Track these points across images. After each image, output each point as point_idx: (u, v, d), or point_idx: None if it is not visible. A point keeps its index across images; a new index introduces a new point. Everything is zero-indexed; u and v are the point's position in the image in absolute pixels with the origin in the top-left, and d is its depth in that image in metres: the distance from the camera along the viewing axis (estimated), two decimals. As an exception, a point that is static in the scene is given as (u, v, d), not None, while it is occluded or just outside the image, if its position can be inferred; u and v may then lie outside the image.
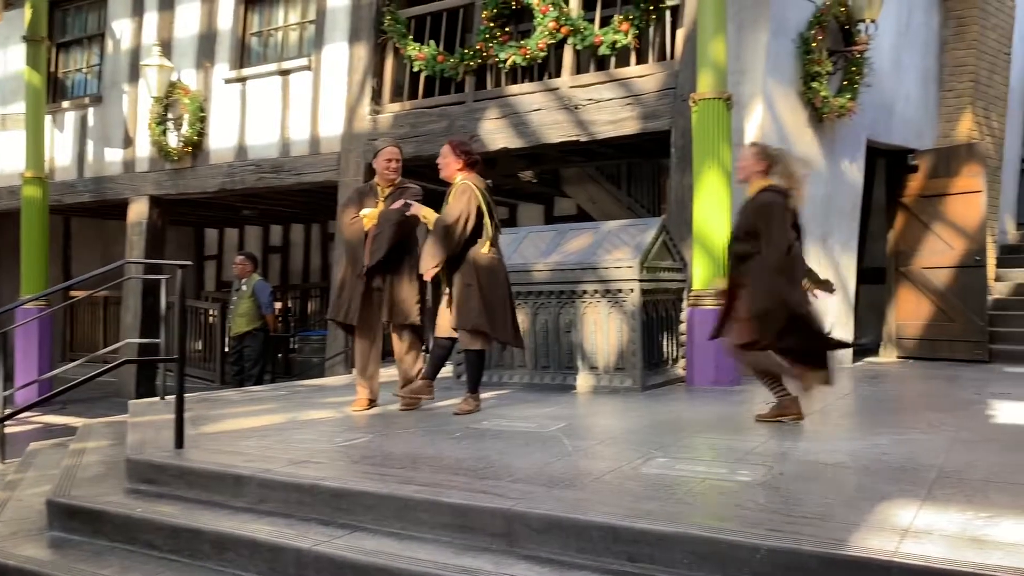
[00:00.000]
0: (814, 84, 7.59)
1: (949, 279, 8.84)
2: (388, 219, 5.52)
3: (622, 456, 3.97)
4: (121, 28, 11.86)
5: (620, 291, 6.43)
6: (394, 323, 5.61)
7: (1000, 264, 9.94)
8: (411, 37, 9.29)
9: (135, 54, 11.63)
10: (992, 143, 9.84)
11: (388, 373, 6.26)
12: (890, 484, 3.33)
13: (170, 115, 11.11)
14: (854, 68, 7.91)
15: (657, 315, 6.76)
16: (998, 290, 9.47)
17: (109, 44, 12.00)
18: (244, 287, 9.39)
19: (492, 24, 8.68)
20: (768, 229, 4.67)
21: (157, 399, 6.75)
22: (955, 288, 8.78)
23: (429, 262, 5.26)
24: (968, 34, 9.60)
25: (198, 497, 3.90)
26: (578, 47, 8.26)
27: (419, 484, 3.46)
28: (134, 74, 11.58)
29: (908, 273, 9.19)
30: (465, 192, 5.31)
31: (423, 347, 5.93)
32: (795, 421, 4.78)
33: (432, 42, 9.12)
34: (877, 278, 9.67)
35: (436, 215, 5.34)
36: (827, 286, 5.01)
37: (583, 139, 8.18)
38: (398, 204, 5.50)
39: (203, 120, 10.87)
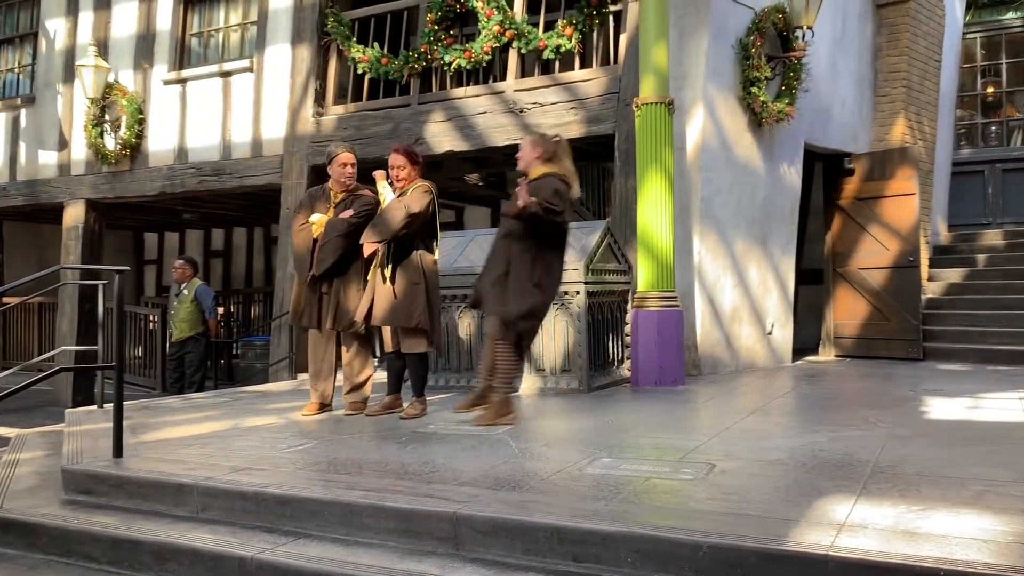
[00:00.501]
0: (753, 89, 7.74)
1: (884, 279, 9.09)
2: (335, 229, 5.49)
3: (568, 457, 4.00)
4: (55, 27, 11.55)
5: (566, 293, 6.48)
6: (340, 329, 5.58)
7: (933, 264, 10.26)
8: (355, 39, 9.23)
9: (70, 54, 11.34)
10: (924, 147, 10.14)
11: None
12: (827, 480, 3.42)
13: (107, 117, 10.85)
14: (792, 73, 8.09)
15: (602, 317, 6.82)
16: (931, 290, 9.76)
17: (43, 43, 11.68)
18: (185, 292, 9.22)
19: (437, 27, 8.67)
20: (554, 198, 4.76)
21: (95, 407, 6.60)
22: (890, 288, 9.02)
23: (373, 237, 5.23)
24: (900, 41, 9.88)
25: (138, 507, 3.83)
26: (523, 51, 8.30)
27: (364, 489, 3.45)
28: (69, 74, 11.29)
29: (845, 274, 9.42)
30: (429, 194, 5.35)
31: (372, 353, 5.91)
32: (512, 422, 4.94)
33: (376, 44, 9.07)
34: (815, 279, 9.90)
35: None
36: None
37: (528, 142, 8.20)
38: (346, 214, 5.48)
39: (142, 122, 10.64)
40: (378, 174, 5.54)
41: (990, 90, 12.38)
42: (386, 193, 5.46)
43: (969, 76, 12.38)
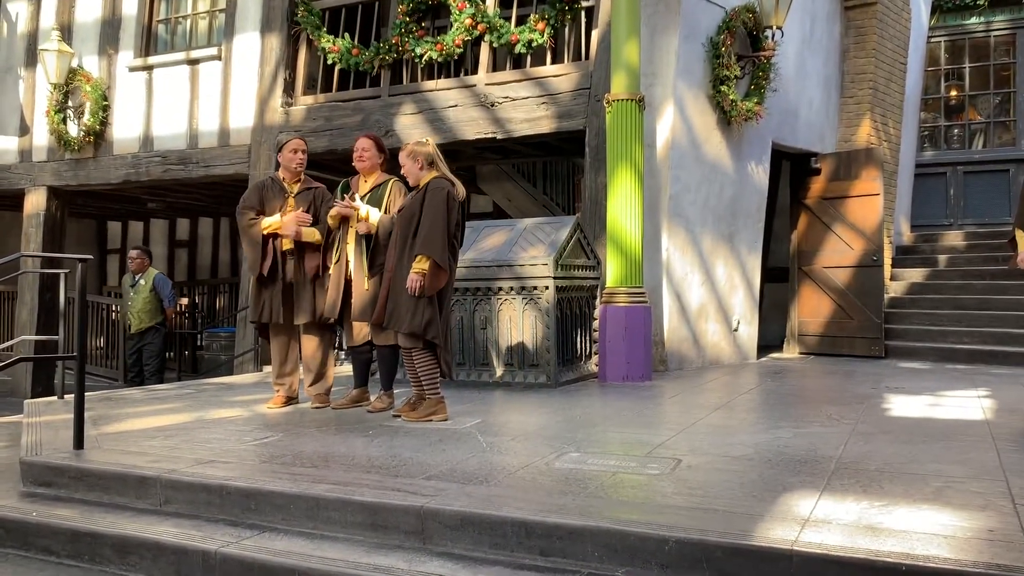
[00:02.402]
0: (723, 88, 7.80)
1: (848, 278, 9.22)
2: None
3: (535, 452, 4.01)
4: (17, 9, 11.30)
5: (535, 288, 6.49)
6: (302, 322, 5.53)
7: (895, 264, 10.43)
8: (325, 29, 9.15)
9: (32, 38, 11.11)
10: (889, 148, 10.29)
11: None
12: (792, 475, 3.46)
13: (70, 103, 10.64)
14: (761, 73, 8.16)
15: (571, 312, 6.84)
16: (894, 289, 9.92)
17: (4, 26, 11.42)
18: (142, 282, 9.06)
19: (408, 19, 8.62)
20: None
21: (55, 398, 6.48)
22: (854, 287, 9.15)
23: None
24: (867, 43, 10.01)
25: (99, 500, 3.77)
26: (495, 45, 8.28)
27: (330, 483, 3.42)
28: (32, 59, 11.06)
29: (810, 272, 9.53)
30: (403, 192, 5.32)
31: (335, 346, 5.87)
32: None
33: (347, 35, 9.00)
34: (781, 277, 10.01)
35: (379, 214, 5.27)
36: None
37: (499, 137, 8.20)
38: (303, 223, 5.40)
39: (106, 109, 10.46)
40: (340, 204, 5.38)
41: (953, 93, 12.60)
42: (363, 208, 5.33)
43: (933, 79, 12.59)
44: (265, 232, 5.46)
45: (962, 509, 2.94)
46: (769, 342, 9.89)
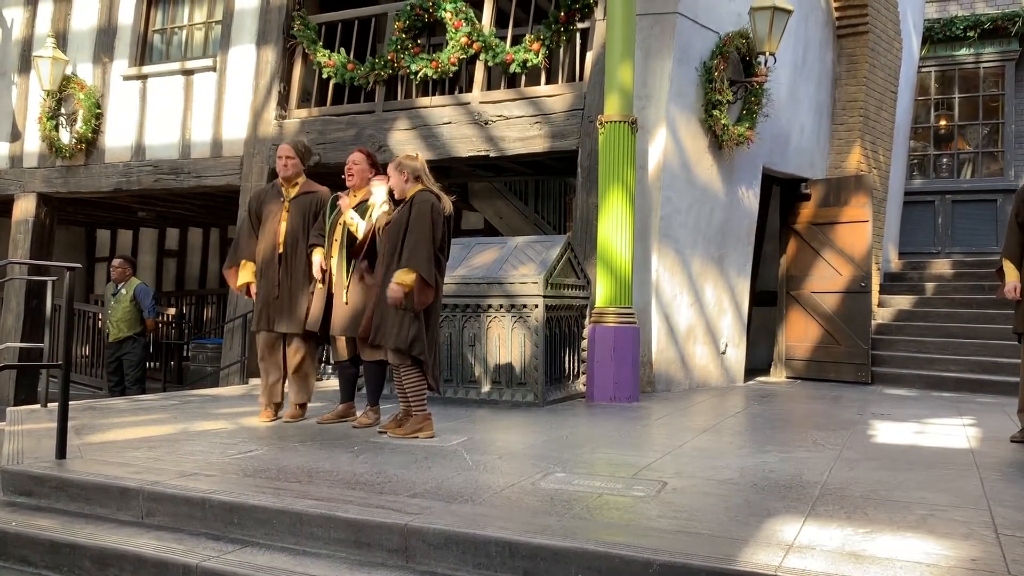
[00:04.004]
0: (715, 112, 7.85)
1: (836, 304, 9.26)
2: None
3: (521, 471, 4.00)
4: (12, 16, 11.30)
5: (525, 306, 6.49)
6: (288, 332, 5.51)
7: (883, 291, 10.48)
8: (321, 43, 9.18)
9: (27, 44, 11.10)
10: (878, 175, 10.37)
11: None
12: (776, 500, 3.46)
13: (63, 110, 10.62)
14: (753, 98, 8.22)
15: (560, 331, 6.84)
16: (881, 315, 9.97)
17: (-1, 32, 11.43)
18: (123, 291, 9.00)
19: (404, 35, 8.66)
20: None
21: (38, 407, 6.43)
22: (842, 312, 9.19)
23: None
24: (859, 71, 10.11)
25: (80, 511, 3.74)
26: (490, 64, 8.32)
27: (314, 499, 3.40)
28: (25, 65, 11.04)
29: (798, 297, 9.58)
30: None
31: (322, 358, 5.86)
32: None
33: (343, 50, 9.03)
34: (769, 301, 10.05)
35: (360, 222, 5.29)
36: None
37: (492, 155, 8.23)
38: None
39: (99, 117, 10.44)
40: (344, 204, 5.42)
41: (943, 123, 12.75)
42: (356, 222, 5.35)
43: (923, 108, 12.73)
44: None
45: (945, 537, 2.95)
46: (756, 365, 9.91)
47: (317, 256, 5.39)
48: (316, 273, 5.40)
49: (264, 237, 5.58)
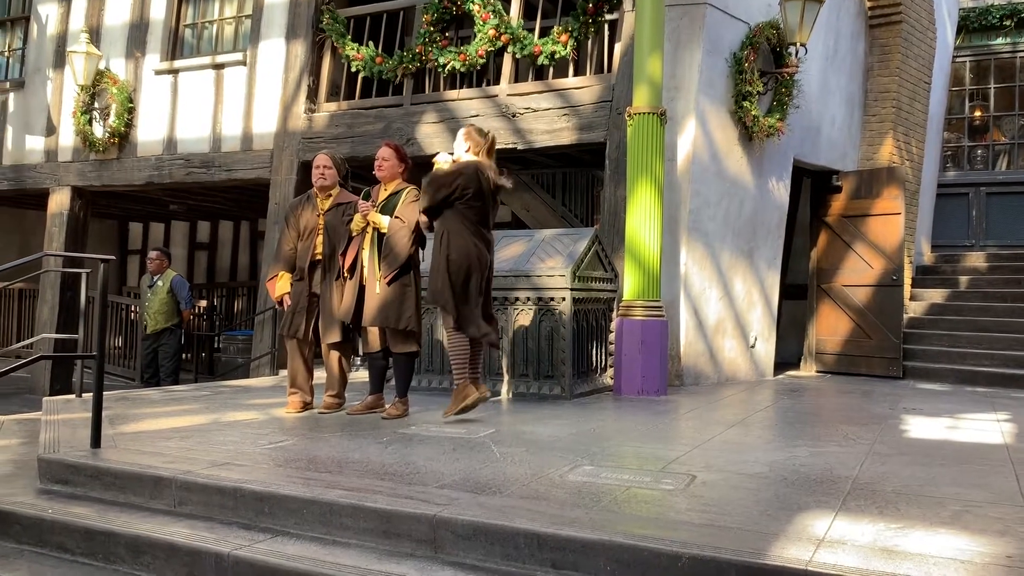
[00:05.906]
0: (745, 103, 7.78)
1: (867, 297, 9.15)
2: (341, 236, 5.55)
3: (549, 463, 4.00)
4: (47, 12, 11.46)
5: (552, 299, 6.48)
6: (333, 340, 5.59)
7: (915, 284, 10.35)
8: (350, 37, 9.22)
9: (61, 39, 11.26)
10: (911, 167, 10.23)
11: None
12: (807, 495, 3.43)
13: (96, 104, 10.76)
14: (784, 89, 8.14)
15: (587, 324, 6.82)
16: (913, 309, 9.84)
17: (34, 28, 11.59)
18: (160, 283, 9.14)
19: (432, 28, 8.67)
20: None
21: (73, 397, 6.54)
22: (873, 306, 9.09)
23: (389, 270, 5.26)
24: (892, 62, 9.96)
25: (114, 499, 3.80)
26: (517, 56, 8.31)
27: (344, 489, 3.43)
28: (60, 60, 11.21)
29: (829, 290, 9.48)
30: (418, 198, 5.35)
31: (353, 351, 5.91)
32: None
33: (371, 43, 9.06)
34: (799, 294, 9.95)
35: (381, 218, 5.34)
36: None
37: (520, 147, 8.22)
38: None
39: (131, 111, 10.57)
40: (363, 206, 5.44)
41: (977, 114, 12.53)
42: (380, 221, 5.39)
43: (957, 99, 12.52)
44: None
45: (980, 534, 2.91)
46: (786, 359, 9.83)
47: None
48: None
49: (301, 248, 5.64)
